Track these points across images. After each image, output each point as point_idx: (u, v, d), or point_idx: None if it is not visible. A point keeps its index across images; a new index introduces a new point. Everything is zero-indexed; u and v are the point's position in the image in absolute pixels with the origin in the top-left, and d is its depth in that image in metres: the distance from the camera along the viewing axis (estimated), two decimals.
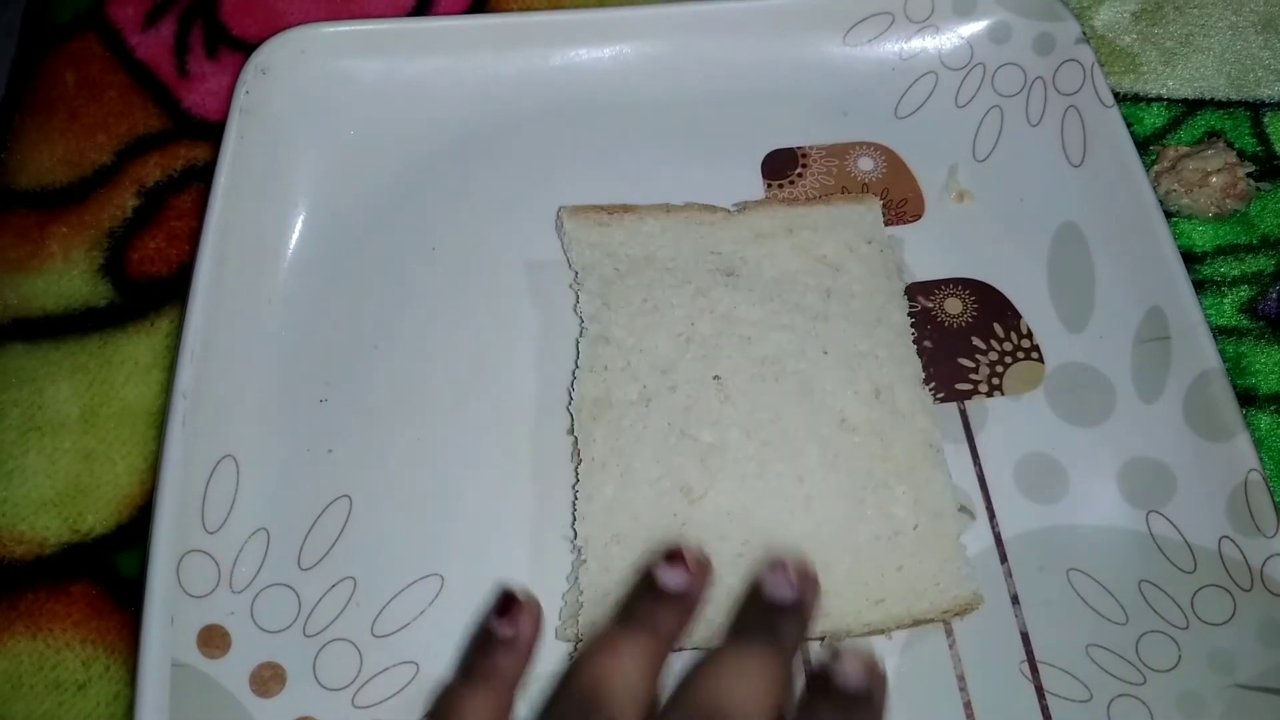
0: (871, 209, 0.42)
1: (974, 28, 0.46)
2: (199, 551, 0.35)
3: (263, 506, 0.37)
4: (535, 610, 0.30)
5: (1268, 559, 0.35)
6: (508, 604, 0.30)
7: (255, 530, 0.36)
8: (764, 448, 0.37)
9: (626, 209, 0.41)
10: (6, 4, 0.52)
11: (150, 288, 0.43)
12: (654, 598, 0.30)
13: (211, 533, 0.36)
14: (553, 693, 0.28)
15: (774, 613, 0.30)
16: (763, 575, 0.30)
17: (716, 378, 0.38)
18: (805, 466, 0.36)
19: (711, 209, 0.41)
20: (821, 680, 0.28)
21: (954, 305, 0.42)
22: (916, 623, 0.35)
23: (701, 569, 0.31)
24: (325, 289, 0.41)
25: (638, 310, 0.39)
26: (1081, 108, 0.44)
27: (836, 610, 0.35)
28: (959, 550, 0.36)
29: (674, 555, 0.30)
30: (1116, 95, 0.46)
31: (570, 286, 0.41)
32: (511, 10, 0.49)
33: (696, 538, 0.33)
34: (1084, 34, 0.45)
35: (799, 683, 0.29)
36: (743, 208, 0.42)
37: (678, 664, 0.29)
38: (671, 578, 0.30)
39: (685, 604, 0.31)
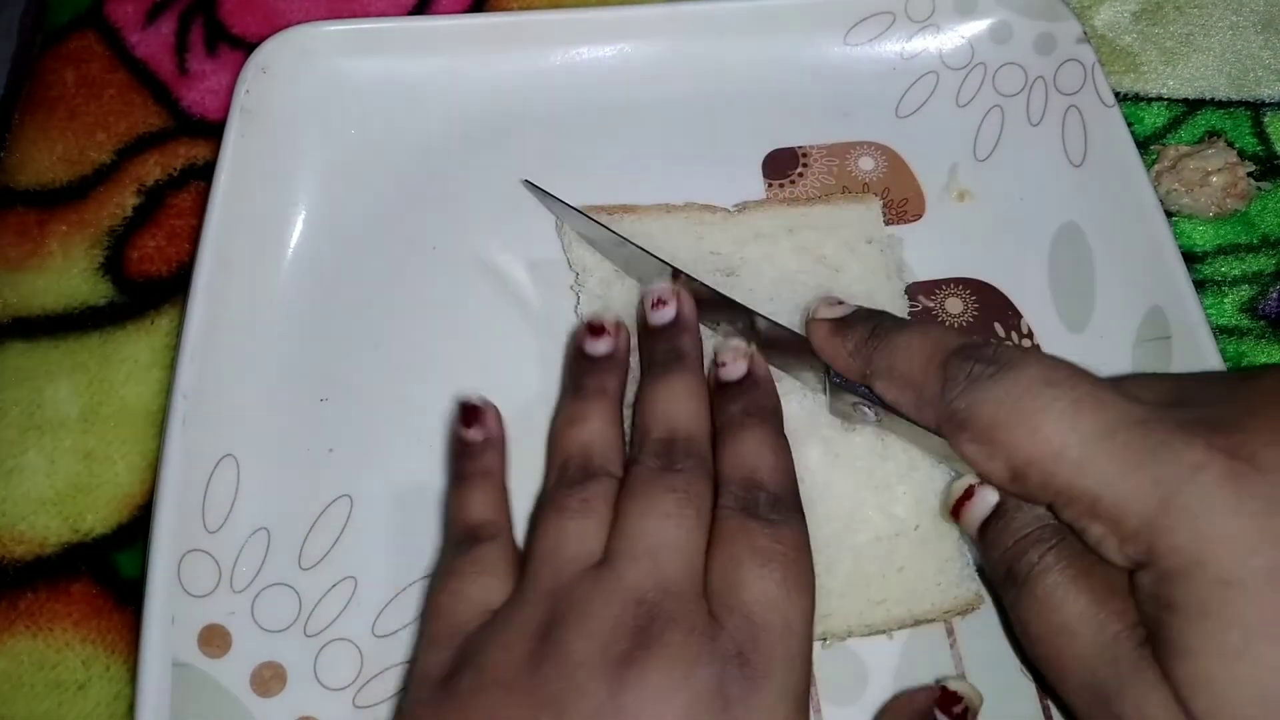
0: (871, 208, 0.42)
1: (975, 27, 0.46)
2: (199, 551, 0.35)
3: (263, 506, 0.37)
4: (495, 409, 0.36)
5: None
6: (471, 412, 0.35)
7: (256, 530, 0.36)
8: None
9: (626, 209, 0.41)
10: (6, 3, 0.52)
11: (150, 286, 0.43)
12: (592, 366, 0.36)
13: (212, 532, 0.36)
14: (549, 470, 0.34)
15: (670, 335, 0.36)
16: (643, 309, 0.37)
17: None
18: (805, 466, 0.36)
19: (711, 209, 0.41)
20: (719, 385, 0.36)
21: (955, 305, 0.42)
22: (918, 622, 0.35)
23: (619, 329, 0.37)
24: (326, 288, 0.41)
25: (629, 312, 0.39)
26: (1082, 107, 0.44)
27: (838, 611, 0.35)
28: (960, 550, 0.36)
29: (595, 328, 0.36)
30: (1117, 95, 0.46)
31: (571, 287, 0.41)
32: (512, 9, 0.49)
33: None
34: (1085, 34, 0.45)
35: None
36: (742, 208, 0.42)
37: None
38: (600, 346, 0.36)
39: (618, 362, 0.37)
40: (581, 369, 0.36)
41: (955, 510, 0.32)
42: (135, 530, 0.38)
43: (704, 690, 0.27)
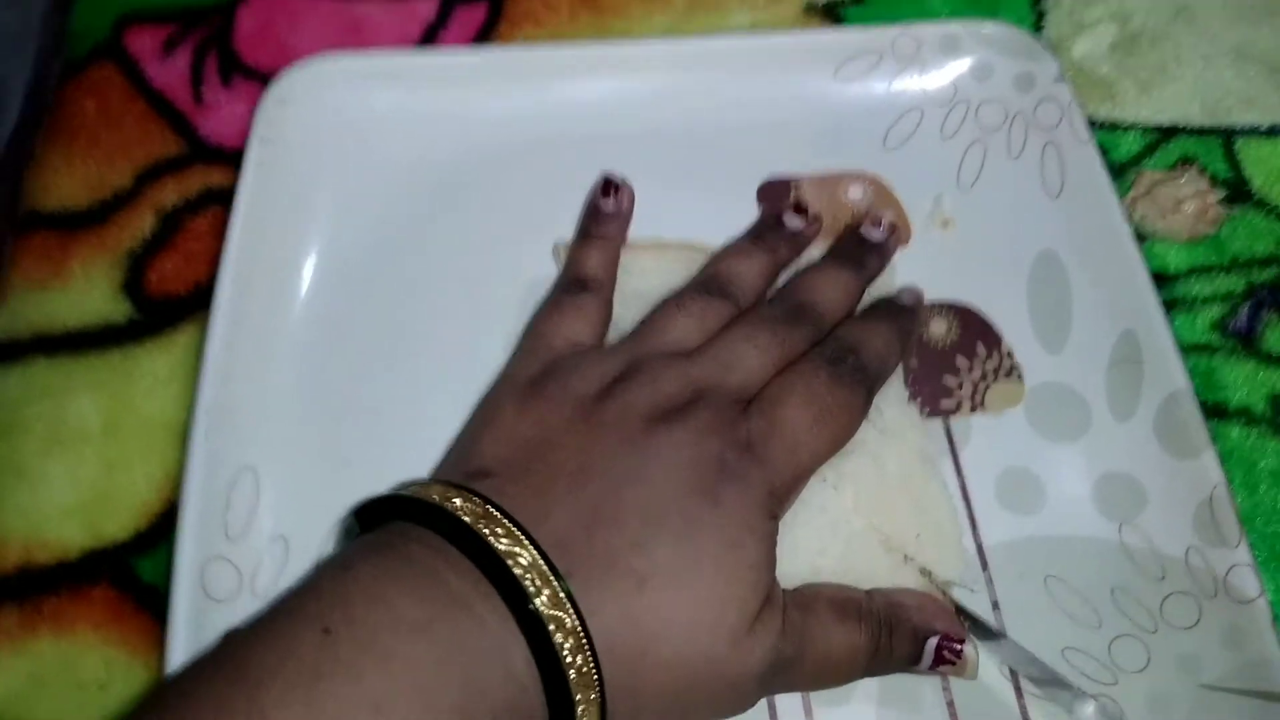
0: None
1: (958, 67, 0.48)
2: (221, 558, 0.37)
3: (282, 516, 0.38)
4: (631, 192, 0.43)
5: (1230, 568, 0.37)
6: (609, 186, 0.43)
7: (275, 538, 0.38)
8: None
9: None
10: (24, 31, 0.54)
11: (168, 305, 0.44)
12: (779, 232, 0.42)
13: (233, 541, 0.37)
14: (698, 275, 0.41)
15: (865, 247, 0.42)
16: (862, 220, 0.43)
17: None
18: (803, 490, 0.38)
19: (703, 249, 0.43)
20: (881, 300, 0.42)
21: (939, 327, 0.43)
22: None
23: (818, 217, 0.43)
24: (341, 309, 0.43)
25: None
26: (1059, 142, 0.46)
27: None
28: (961, 553, 0.38)
29: (799, 207, 0.43)
30: (1094, 123, 0.48)
31: None
32: (518, 41, 0.51)
33: None
34: (1062, 73, 0.47)
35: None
36: None
37: None
38: (793, 221, 0.42)
39: (801, 240, 0.43)
40: (769, 225, 0.43)
41: None
42: (154, 537, 0.39)
43: (709, 454, 0.33)
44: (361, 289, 0.43)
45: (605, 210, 0.42)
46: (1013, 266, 0.45)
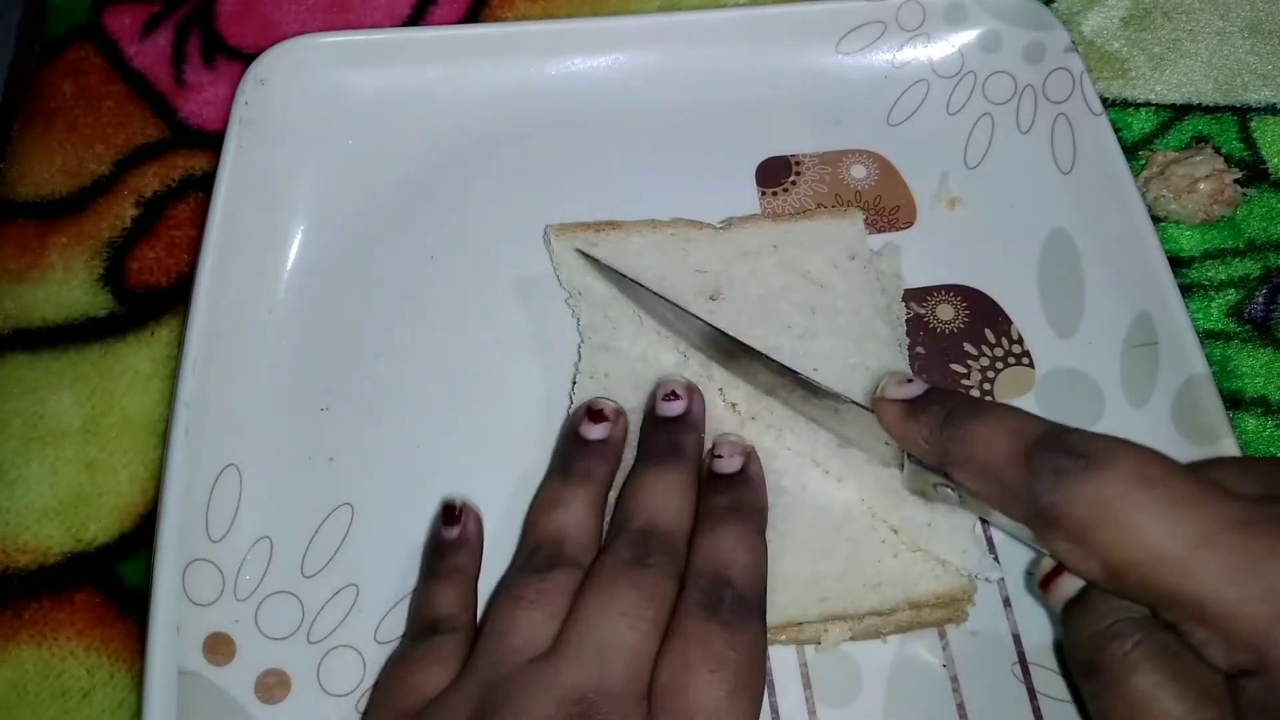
0: (854, 223, 0.42)
1: (965, 37, 0.47)
2: (203, 560, 0.36)
3: (266, 515, 0.37)
4: (476, 512, 0.37)
5: None
6: (450, 512, 0.36)
7: (259, 538, 0.37)
8: (766, 453, 0.37)
9: (613, 225, 0.42)
10: (4, 11, 0.53)
11: (150, 297, 0.43)
12: (584, 450, 0.36)
13: (215, 541, 0.36)
14: (520, 550, 0.34)
15: (673, 429, 0.36)
16: (654, 399, 0.37)
17: (720, 390, 0.38)
18: (809, 477, 0.37)
19: (698, 225, 0.42)
20: (710, 476, 0.35)
21: (946, 311, 0.42)
22: (912, 606, 0.35)
23: (619, 416, 0.37)
24: (325, 298, 0.42)
25: (634, 324, 0.39)
26: (1071, 115, 0.44)
27: (835, 594, 0.35)
28: (974, 539, 0.36)
29: (595, 413, 0.36)
30: (1105, 100, 0.47)
31: (566, 302, 0.41)
32: (506, 19, 0.50)
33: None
34: (1073, 43, 0.45)
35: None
36: (729, 224, 0.42)
37: None
38: (595, 431, 0.36)
39: (612, 450, 0.36)
40: (573, 451, 0.36)
41: (1044, 585, 0.31)
42: (138, 539, 0.38)
43: None
44: (346, 278, 0.42)
45: (447, 539, 0.36)
46: (1022, 247, 0.44)
